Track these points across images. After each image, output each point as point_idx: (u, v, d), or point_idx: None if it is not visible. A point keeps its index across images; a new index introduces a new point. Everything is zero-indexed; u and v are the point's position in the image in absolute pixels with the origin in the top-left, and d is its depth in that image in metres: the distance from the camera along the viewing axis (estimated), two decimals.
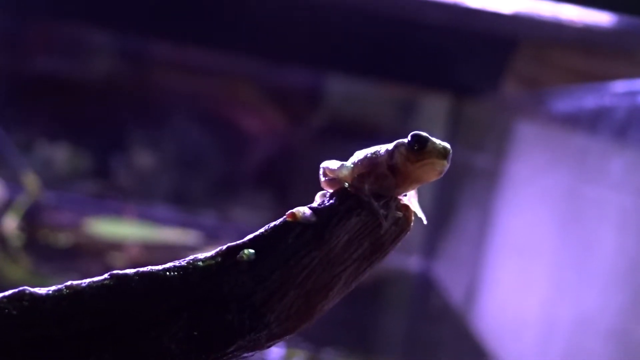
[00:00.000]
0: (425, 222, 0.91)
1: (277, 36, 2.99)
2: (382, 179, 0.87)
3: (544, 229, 2.41)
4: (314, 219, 0.86)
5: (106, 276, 0.83)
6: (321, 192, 0.91)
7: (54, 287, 0.83)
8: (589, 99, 2.26)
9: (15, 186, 3.14)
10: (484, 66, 2.92)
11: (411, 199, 0.90)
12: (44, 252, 2.80)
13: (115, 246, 2.95)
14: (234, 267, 0.84)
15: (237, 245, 0.86)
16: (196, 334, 0.83)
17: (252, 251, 0.85)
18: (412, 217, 0.89)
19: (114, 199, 3.44)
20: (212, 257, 0.85)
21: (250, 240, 0.86)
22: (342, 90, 3.59)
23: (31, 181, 3.14)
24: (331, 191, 0.90)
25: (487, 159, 3.04)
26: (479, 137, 3.21)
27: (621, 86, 2.09)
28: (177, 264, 0.85)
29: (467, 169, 3.06)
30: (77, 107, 3.51)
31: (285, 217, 0.87)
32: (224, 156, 3.64)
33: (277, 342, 0.87)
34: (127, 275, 0.83)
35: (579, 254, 2.14)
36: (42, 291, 0.82)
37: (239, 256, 0.85)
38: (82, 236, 3.02)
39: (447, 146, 0.85)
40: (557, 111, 2.52)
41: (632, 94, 2.00)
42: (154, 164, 3.53)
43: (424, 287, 3.32)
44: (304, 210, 0.87)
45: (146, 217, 3.29)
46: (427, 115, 3.50)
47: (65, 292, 0.82)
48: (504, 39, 2.76)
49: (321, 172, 0.91)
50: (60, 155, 3.47)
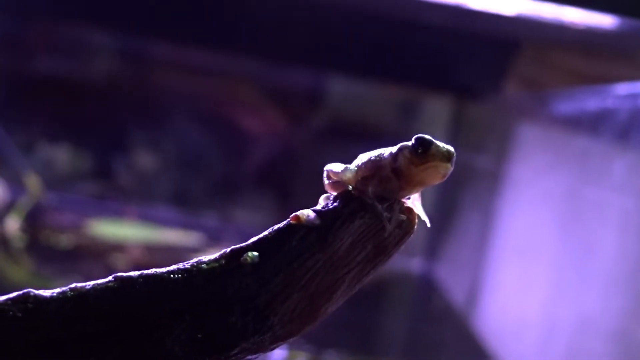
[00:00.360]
0: (428, 225, 0.91)
1: (278, 36, 2.99)
2: (386, 182, 0.87)
3: (545, 230, 2.41)
4: (317, 222, 0.86)
5: (110, 278, 0.83)
6: (325, 195, 0.91)
7: (58, 290, 0.83)
8: (591, 101, 2.26)
9: (16, 187, 3.14)
10: (486, 67, 2.93)
11: (415, 202, 0.91)
12: (45, 254, 2.80)
13: (116, 247, 2.95)
14: (237, 270, 0.84)
15: (241, 247, 0.86)
16: (200, 336, 0.82)
17: (255, 254, 0.85)
18: (416, 220, 0.89)
19: (115, 200, 3.44)
20: (216, 260, 0.85)
21: (254, 242, 0.86)
22: (343, 90, 3.59)
23: (33, 182, 3.14)
24: (335, 194, 0.90)
25: (488, 160, 3.04)
26: (480, 139, 3.21)
27: (623, 88, 2.09)
28: (181, 266, 0.85)
29: (469, 170, 3.07)
30: (78, 108, 3.51)
31: (289, 219, 0.87)
32: (224, 157, 3.64)
33: (280, 345, 0.87)
34: (131, 277, 0.83)
35: (580, 255, 2.14)
36: (46, 293, 0.82)
37: (242, 259, 0.85)
38: (83, 237, 3.02)
39: (451, 149, 0.85)
40: (559, 113, 2.52)
41: (633, 96, 2.00)
42: (155, 165, 3.53)
43: (426, 289, 3.32)
44: (307, 212, 0.87)
45: (147, 218, 3.29)
46: (428, 116, 3.50)
47: (69, 295, 0.82)
48: (506, 40, 2.76)
49: (325, 174, 0.91)
50: (61, 156, 3.47)
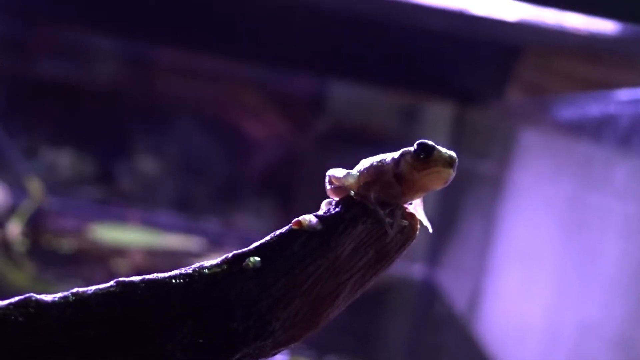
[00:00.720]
0: (431, 230, 0.91)
1: (281, 42, 3.00)
2: (388, 187, 0.87)
3: (547, 236, 2.41)
4: (320, 227, 0.86)
5: (112, 283, 0.83)
6: (327, 200, 0.91)
7: (60, 294, 0.83)
8: (594, 107, 2.27)
9: (19, 191, 3.14)
10: (488, 73, 2.93)
11: (417, 207, 0.90)
12: (47, 258, 2.80)
13: (118, 252, 2.96)
14: (239, 275, 0.84)
15: (243, 252, 0.86)
16: (201, 341, 0.82)
17: (257, 259, 0.85)
18: (418, 226, 0.89)
19: (117, 204, 3.44)
20: (218, 265, 0.85)
21: (256, 247, 0.86)
22: (345, 96, 3.60)
23: (35, 186, 3.15)
24: (337, 199, 0.90)
25: (490, 166, 3.04)
26: (482, 144, 3.21)
27: (625, 94, 2.09)
28: (182, 271, 0.85)
29: (471, 176, 3.06)
30: (81, 112, 3.51)
31: (291, 224, 0.86)
32: (227, 162, 3.64)
33: (282, 350, 0.87)
34: (133, 282, 0.83)
35: (582, 261, 2.14)
36: (48, 298, 0.82)
37: (244, 264, 0.85)
38: (85, 242, 3.02)
39: (453, 155, 0.85)
40: (562, 119, 2.52)
41: (636, 102, 2.00)
42: (157, 170, 3.53)
43: (428, 294, 3.32)
44: (309, 218, 0.87)
45: (149, 223, 3.29)
46: (430, 122, 3.50)
47: (71, 299, 0.82)
48: (508, 46, 2.76)
49: (327, 180, 0.91)
50: (63, 160, 3.47)
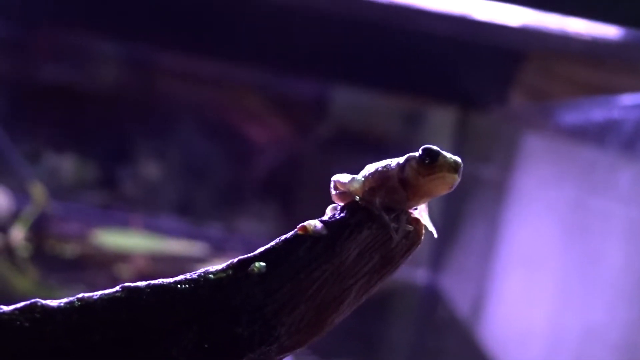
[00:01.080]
0: (435, 235, 0.91)
1: (283, 46, 3.00)
2: (393, 193, 0.87)
3: (551, 241, 2.41)
4: (325, 232, 0.86)
5: (118, 288, 0.83)
6: (332, 206, 0.91)
7: (65, 300, 0.83)
8: (597, 112, 2.27)
9: (22, 196, 3.14)
10: (491, 78, 2.93)
11: (422, 213, 0.91)
12: (50, 263, 2.80)
13: (121, 257, 2.95)
14: (244, 280, 0.84)
15: (248, 258, 0.86)
16: (206, 346, 0.82)
17: (263, 264, 0.85)
18: (423, 231, 0.89)
19: (120, 209, 3.44)
20: (223, 270, 0.85)
21: (261, 253, 0.86)
22: (347, 100, 3.60)
23: (38, 191, 3.15)
24: (342, 204, 0.90)
25: (494, 171, 3.04)
26: (486, 149, 3.21)
27: (628, 99, 2.09)
28: (188, 276, 0.85)
29: (474, 181, 3.06)
30: (83, 117, 3.52)
31: (296, 230, 0.87)
32: (229, 166, 3.64)
33: (287, 355, 0.87)
34: (138, 287, 0.83)
35: (585, 266, 2.14)
36: (54, 303, 0.82)
37: (250, 269, 0.85)
38: (88, 247, 3.02)
39: (458, 160, 0.85)
40: (565, 123, 2.52)
41: (639, 107, 2.00)
42: (160, 175, 3.54)
43: (431, 299, 3.31)
44: (315, 223, 0.87)
45: (152, 227, 3.29)
46: (433, 126, 3.50)
47: (76, 304, 0.82)
48: (511, 51, 2.76)
49: (332, 185, 0.91)
50: (66, 165, 3.47)
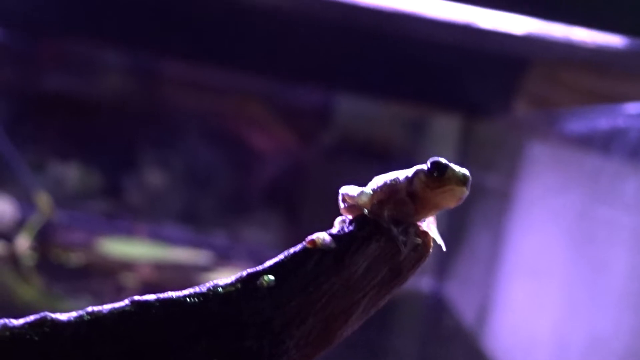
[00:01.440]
0: (444, 248, 0.91)
1: (288, 55, 3.00)
2: (402, 205, 0.87)
3: (556, 249, 2.40)
4: (333, 245, 0.86)
5: (127, 302, 0.84)
6: (340, 218, 0.91)
7: (74, 313, 0.83)
8: (602, 120, 2.26)
9: (27, 205, 3.15)
10: (496, 86, 2.93)
11: (430, 225, 0.91)
12: (55, 272, 2.80)
13: (126, 266, 2.95)
14: (253, 294, 0.85)
15: (257, 271, 0.86)
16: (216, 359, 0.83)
17: (271, 277, 0.85)
18: (431, 243, 0.89)
19: (125, 218, 3.44)
20: (232, 284, 0.85)
21: (270, 266, 0.86)
22: (351, 108, 3.60)
23: (43, 200, 3.15)
24: (350, 217, 0.90)
25: (498, 179, 3.04)
26: (490, 158, 3.20)
27: (634, 107, 2.09)
28: (197, 290, 0.85)
29: (479, 189, 3.06)
30: (88, 126, 3.52)
31: (304, 243, 0.87)
32: (234, 175, 3.64)
33: None
34: (147, 301, 0.84)
35: (591, 275, 2.14)
36: (63, 317, 0.83)
37: (258, 282, 0.85)
38: (93, 256, 3.02)
39: (467, 173, 0.85)
40: (570, 132, 2.52)
41: None
42: (164, 183, 3.54)
43: (436, 308, 3.31)
44: (323, 236, 0.87)
45: (157, 236, 3.29)
46: (437, 135, 3.50)
47: (86, 318, 0.83)
48: (516, 59, 2.76)
49: (340, 198, 0.91)
50: (71, 174, 3.48)
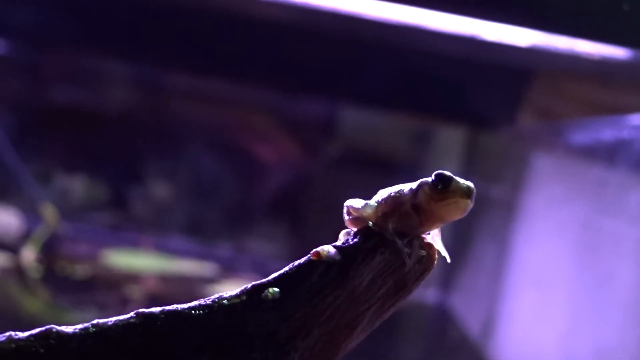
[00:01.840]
0: (449, 260, 0.91)
1: (292, 67, 3.01)
2: (406, 218, 0.87)
3: (561, 261, 2.40)
4: (338, 258, 0.86)
5: (132, 314, 0.84)
6: (345, 231, 0.92)
7: (80, 326, 0.83)
8: (606, 131, 2.27)
9: (33, 217, 3.15)
10: (500, 98, 2.93)
11: (434, 238, 0.91)
12: (61, 284, 2.80)
13: (131, 278, 2.95)
14: (258, 306, 0.85)
15: (262, 283, 0.86)
16: None
17: (276, 289, 0.85)
18: (436, 256, 0.90)
19: (130, 230, 3.44)
20: (237, 296, 0.86)
21: (274, 278, 0.87)
22: (356, 120, 3.60)
23: (49, 212, 3.15)
24: (355, 230, 0.91)
25: (503, 190, 3.03)
26: (495, 169, 3.20)
27: (638, 119, 2.09)
28: (202, 302, 0.86)
29: (484, 201, 3.06)
30: (94, 138, 3.53)
31: (309, 255, 0.87)
32: (239, 186, 3.64)
33: None
34: (153, 313, 0.84)
35: (597, 286, 2.13)
36: (69, 329, 0.83)
37: (263, 294, 0.85)
38: (99, 268, 3.02)
39: (471, 185, 0.86)
40: (575, 143, 2.52)
41: None
42: (170, 195, 3.54)
43: (441, 320, 3.30)
44: (328, 248, 0.87)
45: (162, 248, 3.29)
46: (442, 146, 3.50)
47: (91, 330, 0.83)
48: (520, 70, 2.76)
49: (345, 210, 0.92)
50: (77, 186, 3.48)
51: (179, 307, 0.85)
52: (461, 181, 0.86)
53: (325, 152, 3.61)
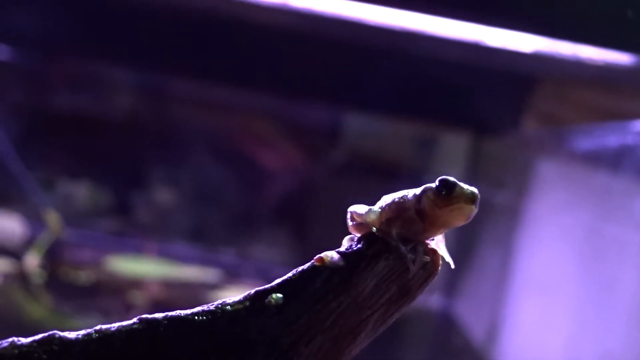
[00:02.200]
0: (452, 266, 0.91)
1: (296, 73, 3.01)
2: (410, 224, 0.87)
3: (565, 267, 2.40)
4: (342, 263, 0.86)
5: (135, 320, 0.84)
6: (349, 237, 0.91)
7: (83, 331, 0.83)
8: (611, 137, 2.26)
9: (36, 223, 3.15)
10: (504, 104, 2.93)
11: (438, 243, 0.91)
12: (65, 290, 2.81)
13: (135, 284, 2.96)
14: (262, 312, 0.84)
15: (265, 289, 0.86)
16: None
17: (280, 295, 0.85)
18: (440, 262, 0.89)
19: (133, 236, 3.45)
20: (240, 302, 0.85)
21: (278, 284, 0.86)
22: (360, 126, 3.60)
23: (53, 218, 3.16)
24: (359, 235, 0.90)
25: (507, 196, 3.03)
26: (499, 175, 3.20)
27: None
28: (205, 308, 0.85)
29: (488, 207, 3.05)
30: (98, 144, 3.53)
31: (313, 261, 0.87)
32: (242, 193, 3.65)
33: None
34: (156, 319, 0.84)
35: (601, 292, 2.13)
36: (72, 335, 0.83)
37: (267, 300, 0.85)
38: (102, 273, 3.03)
39: (475, 191, 0.86)
40: (579, 149, 2.52)
41: None
42: (174, 201, 3.55)
43: (445, 325, 3.30)
44: (331, 254, 0.87)
45: (166, 254, 3.29)
46: (446, 152, 3.50)
47: (94, 336, 0.83)
48: (524, 76, 2.76)
49: (348, 216, 0.92)
50: (80, 192, 3.49)
51: (182, 313, 0.85)
52: (465, 187, 0.85)
53: (329, 158, 3.61)
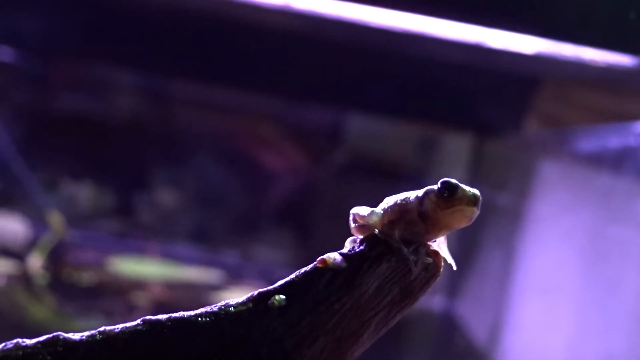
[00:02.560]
0: (455, 267, 0.91)
1: (299, 75, 3.01)
2: (412, 225, 0.87)
3: (568, 268, 2.40)
4: (344, 265, 0.86)
5: (139, 321, 0.84)
6: (351, 238, 0.92)
7: (87, 333, 0.83)
8: (613, 139, 2.26)
9: (39, 225, 3.16)
10: (506, 105, 2.93)
11: (441, 245, 0.91)
12: (67, 291, 2.81)
13: (138, 285, 2.96)
14: (265, 313, 0.85)
15: (268, 291, 0.86)
16: None
17: (283, 297, 0.85)
18: (442, 263, 0.90)
19: (136, 237, 3.45)
20: (243, 303, 0.86)
21: (281, 286, 0.87)
22: (362, 128, 3.60)
23: (56, 220, 3.16)
24: (361, 237, 0.91)
25: (510, 198, 3.03)
26: (501, 176, 3.20)
27: None
28: (208, 309, 0.86)
29: (490, 208, 3.05)
30: (101, 146, 3.54)
31: (315, 263, 0.87)
32: (245, 194, 3.65)
33: None
34: (159, 320, 0.84)
35: (603, 293, 2.13)
36: (76, 337, 0.83)
37: (270, 302, 0.85)
38: (105, 275, 3.03)
39: (477, 193, 0.86)
40: (581, 150, 2.52)
41: None
42: (176, 202, 3.55)
43: (447, 327, 3.29)
44: (334, 256, 0.87)
45: (169, 255, 3.29)
46: (448, 154, 3.50)
47: (98, 338, 0.83)
48: (526, 78, 2.76)
49: (351, 218, 0.92)
50: (83, 193, 3.49)
51: (185, 314, 0.85)
52: (467, 189, 0.86)
53: (331, 160, 3.61)
